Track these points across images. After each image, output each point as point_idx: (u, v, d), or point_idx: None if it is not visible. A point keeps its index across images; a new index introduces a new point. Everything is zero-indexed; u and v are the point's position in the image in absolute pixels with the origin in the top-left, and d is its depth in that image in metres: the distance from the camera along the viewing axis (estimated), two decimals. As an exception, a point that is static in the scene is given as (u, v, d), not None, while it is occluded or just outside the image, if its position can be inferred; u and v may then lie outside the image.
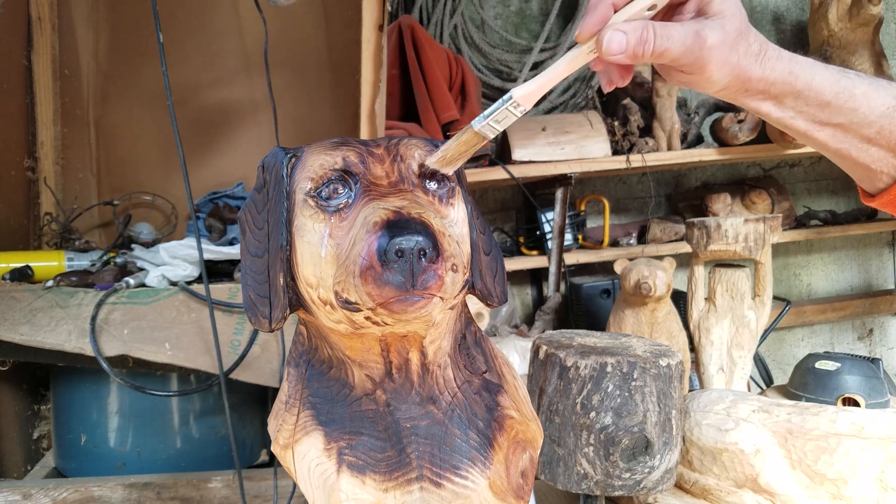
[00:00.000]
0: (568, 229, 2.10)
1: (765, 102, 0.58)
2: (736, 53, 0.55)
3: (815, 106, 0.57)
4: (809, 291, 2.66)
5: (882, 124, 0.57)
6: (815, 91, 0.57)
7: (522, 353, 1.63)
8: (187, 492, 1.28)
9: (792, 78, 0.57)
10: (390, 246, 0.46)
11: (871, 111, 0.57)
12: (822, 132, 0.58)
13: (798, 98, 0.57)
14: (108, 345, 1.21)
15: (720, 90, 0.58)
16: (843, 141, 0.59)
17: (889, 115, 0.57)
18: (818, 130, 0.58)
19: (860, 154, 0.59)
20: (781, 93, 0.57)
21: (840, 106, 0.57)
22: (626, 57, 0.53)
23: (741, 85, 0.57)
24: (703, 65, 0.55)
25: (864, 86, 0.57)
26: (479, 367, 0.62)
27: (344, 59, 1.72)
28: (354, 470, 0.56)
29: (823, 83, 0.57)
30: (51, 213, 1.69)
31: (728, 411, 1.04)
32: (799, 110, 0.58)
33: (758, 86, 0.57)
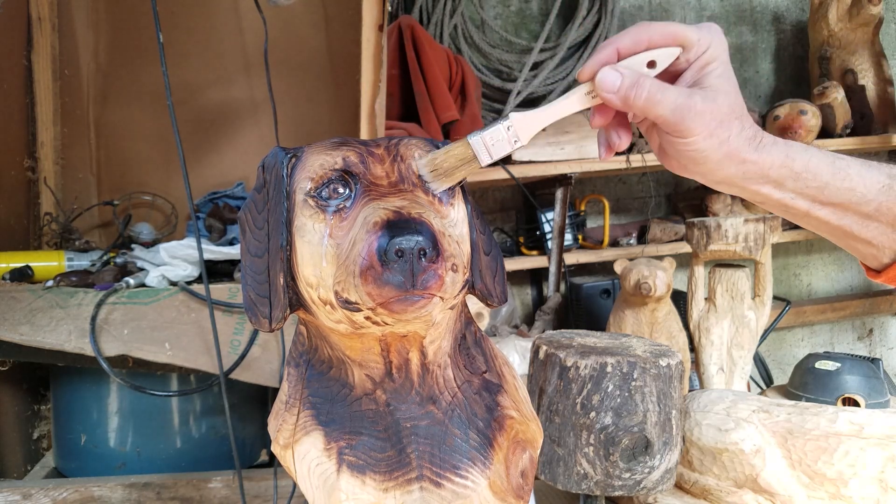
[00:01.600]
0: (568, 229, 2.11)
1: (765, 186, 0.58)
2: (727, 131, 0.55)
3: (814, 188, 0.58)
4: (809, 291, 2.66)
5: (880, 201, 0.58)
6: (812, 173, 0.58)
7: (522, 353, 1.63)
8: (187, 492, 1.28)
9: (790, 161, 0.58)
10: (390, 246, 0.46)
11: (868, 189, 0.58)
12: (823, 210, 0.59)
13: (797, 180, 0.58)
14: (108, 345, 1.21)
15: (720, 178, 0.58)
16: (843, 218, 0.59)
17: (885, 192, 0.58)
18: (819, 209, 0.59)
19: (861, 230, 0.60)
20: (780, 176, 0.58)
21: (838, 186, 0.58)
22: (618, 97, 0.55)
23: (738, 168, 0.57)
24: (689, 128, 0.54)
25: (857, 166, 0.59)
26: (479, 367, 0.62)
27: (344, 59, 1.72)
28: (354, 470, 0.56)
29: (819, 165, 0.58)
30: (51, 213, 1.69)
31: (728, 411, 1.04)
32: (799, 191, 0.58)
33: (756, 170, 0.57)
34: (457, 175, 0.55)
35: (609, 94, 0.55)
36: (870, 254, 0.61)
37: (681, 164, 0.59)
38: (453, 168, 0.54)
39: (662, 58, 0.56)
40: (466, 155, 0.55)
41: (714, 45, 0.56)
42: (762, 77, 2.58)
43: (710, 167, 0.57)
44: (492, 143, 0.55)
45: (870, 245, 0.60)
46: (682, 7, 2.52)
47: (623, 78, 0.54)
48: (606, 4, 2.28)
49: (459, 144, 0.55)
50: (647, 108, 0.55)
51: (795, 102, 2.02)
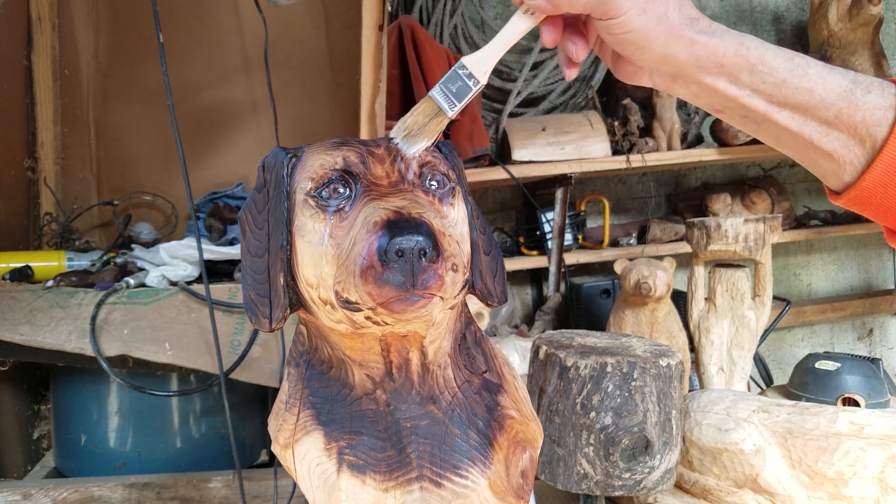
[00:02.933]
0: (568, 229, 2.10)
1: (720, 79, 0.55)
2: (661, 5, 0.53)
3: (770, 84, 0.55)
4: (809, 291, 2.66)
5: (840, 107, 0.54)
6: (769, 66, 0.54)
7: (522, 353, 1.63)
8: (187, 492, 1.28)
9: (744, 50, 0.55)
10: (390, 246, 0.46)
11: (828, 92, 0.54)
12: (781, 113, 0.56)
13: (753, 73, 0.55)
14: (108, 345, 1.21)
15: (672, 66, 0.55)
16: (803, 124, 0.56)
17: (846, 97, 0.54)
18: (777, 111, 0.56)
19: (822, 139, 0.56)
20: (736, 66, 0.54)
21: (796, 85, 0.54)
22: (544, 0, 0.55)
23: (689, 51, 0.54)
24: (617, 4, 0.53)
25: (817, 67, 0.55)
26: (479, 367, 0.62)
27: (344, 59, 1.72)
28: (355, 470, 0.56)
29: (777, 59, 0.55)
30: (51, 213, 1.69)
31: (728, 411, 1.04)
32: (755, 88, 0.55)
33: (708, 55, 0.54)
34: (428, 130, 0.55)
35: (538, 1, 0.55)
36: (831, 170, 0.58)
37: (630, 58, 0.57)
38: (423, 125, 0.55)
39: None
40: (431, 109, 0.56)
41: None
42: (762, 77, 2.57)
43: (656, 50, 0.54)
44: (452, 90, 0.56)
45: (831, 159, 0.57)
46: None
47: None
48: (606, 4, 2.28)
49: (422, 101, 0.56)
50: (571, 2, 0.54)
51: (795, 102, 2.01)
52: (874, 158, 0.54)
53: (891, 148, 0.54)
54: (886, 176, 0.55)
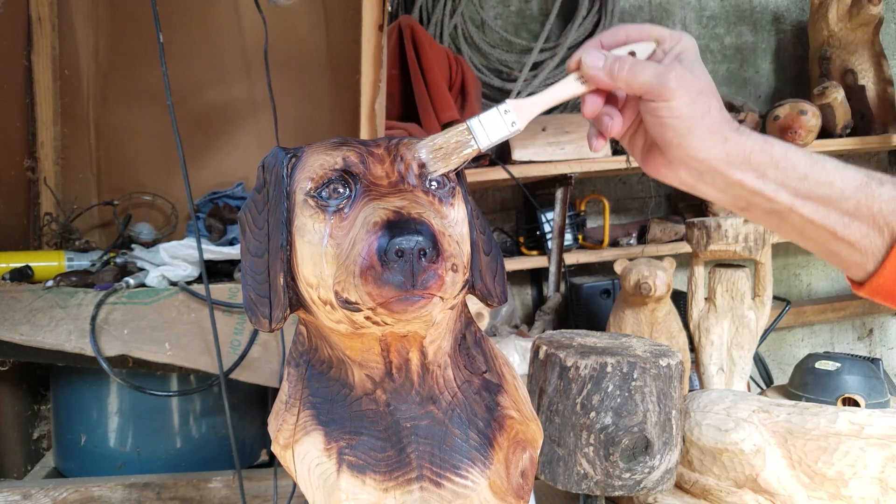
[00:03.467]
0: (568, 229, 2.10)
1: (748, 174, 0.58)
2: (707, 102, 0.57)
3: (794, 178, 0.58)
4: (809, 291, 2.66)
5: (859, 198, 0.57)
6: (791, 162, 0.58)
7: (522, 353, 1.63)
8: (187, 492, 1.28)
9: (769, 147, 0.58)
10: (390, 246, 0.46)
11: (846, 185, 0.57)
12: (807, 206, 0.58)
13: (778, 168, 0.58)
14: (108, 345, 1.21)
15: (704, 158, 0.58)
16: (826, 216, 0.59)
17: (863, 189, 0.57)
18: (802, 204, 0.58)
19: (844, 230, 0.58)
20: (762, 163, 0.58)
21: (817, 178, 0.58)
22: (603, 71, 0.58)
23: (722, 148, 0.58)
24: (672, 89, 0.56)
25: (833, 162, 0.59)
26: (479, 367, 0.62)
27: (344, 59, 1.72)
28: (354, 470, 0.56)
29: (797, 155, 0.58)
30: (51, 213, 1.69)
31: (728, 411, 1.04)
32: (781, 182, 0.58)
33: (738, 152, 0.58)
34: (456, 159, 0.55)
35: (595, 69, 0.58)
36: (854, 261, 0.60)
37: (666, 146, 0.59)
38: (452, 151, 0.55)
39: (640, 50, 0.60)
40: (465, 138, 0.56)
41: (685, 40, 0.60)
42: (762, 77, 2.58)
43: (694, 142, 0.58)
44: (489, 126, 0.57)
45: (854, 249, 0.59)
46: (682, 7, 2.51)
47: (606, 57, 0.59)
48: (606, 4, 2.28)
49: (458, 128, 0.56)
50: (630, 78, 0.57)
51: (795, 102, 2.02)
52: (892, 246, 0.57)
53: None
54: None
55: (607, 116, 0.62)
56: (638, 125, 0.64)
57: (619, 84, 0.58)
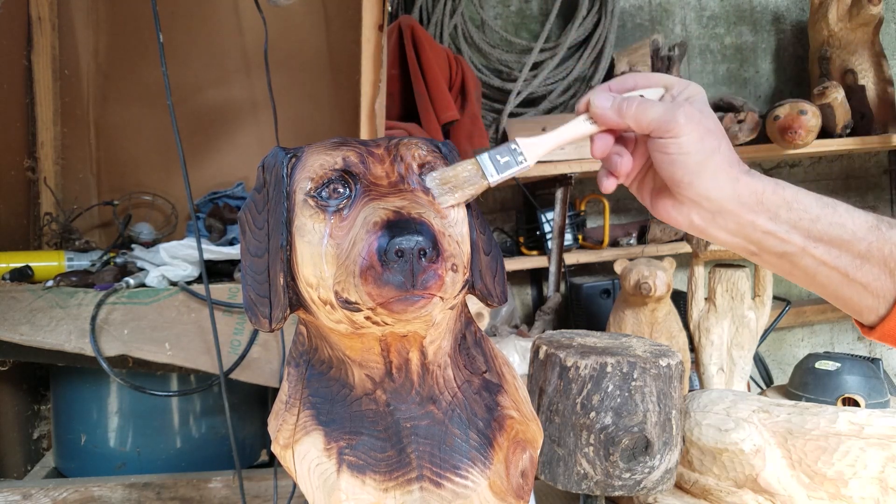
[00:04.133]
0: (568, 229, 2.11)
1: (760, 216, 0.58)
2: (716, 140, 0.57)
3: (807, 220, 0.58)
4: (809, 291, 2.65)
5: (870, 240, 0.57)
6: (803, 204, 0.58)
7: (522, 353, 1.63)
8: (187, 492, 1.28)
9: (780, 189, 0.58)
10: (390, 246, 0.46)
11: (858, 227, 0.57)
12: (819, 248, 0.58)
13: (790, 210, 0.58)
14: (108, 345, 1.21)
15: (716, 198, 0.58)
16: (838, 258, 0.58)
17: (874, 231, 0.57)
18: (814, 246, 0.58)
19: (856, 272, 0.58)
20: (774, 204, 0.57)
21: (829, 220, 0.57)
22: (612, 110, 0.58)
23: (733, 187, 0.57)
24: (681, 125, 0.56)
25: (844, 205, 0.59)
26: (479, 367, 0.62)
27: (344, 59, 1.72)
28: (354, 470, 0.56)
29: (808, 198, 0.58)
30: (51, 213, 1.69)
31: (728, 411, 1.04)
32: (793, 224, 0.58)
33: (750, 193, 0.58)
34: (464, 192, 0.56)
35: (604, 109, 0.59)
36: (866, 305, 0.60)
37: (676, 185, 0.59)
38: (461, 185, 0.55)
39: (648, 94, 0.61)
40: (474, 171, 0.56)
41: (693, 87, 0.60)
42: (762, 77, 2.58)
43: (704, 180, 0.57)
44: (500, 161, 0.57)
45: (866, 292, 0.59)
46: (682, 7, 2.51)
47: (615, 97, 0.59)
48: (606, 4, 2.28)
49: (468, 162, 0.56)
50: (639, 115, 0.57)
51: (795, 102, 2.02)
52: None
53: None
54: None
55: (617, 155, 0.62)
56: (647, 169, 0.64)
57: (628, 121, 0.58)
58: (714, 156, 0.57)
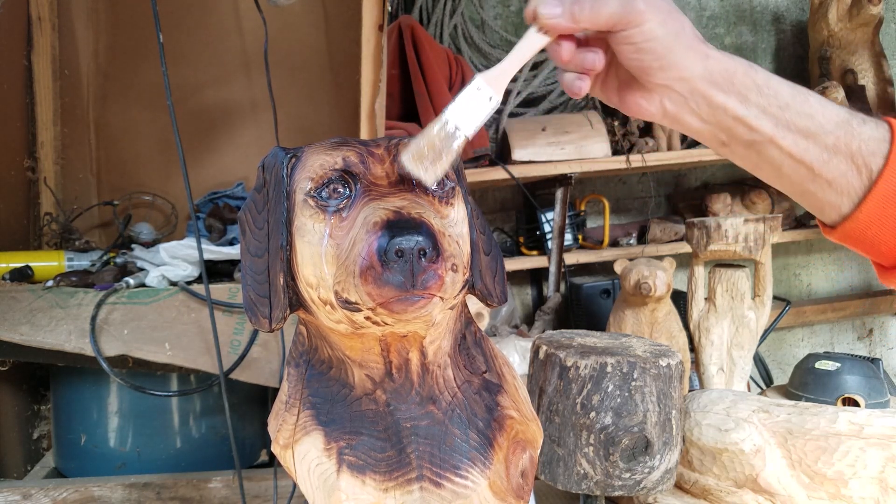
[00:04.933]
0: (568, 229, 2.10)
1: (731, 97, 0.56)
2: (679, 21, 0.55)
3: (776, 106, 0.56)
4: (809, 291, 2.65)
5: (838, 135, 0.56)
6: (774, 89, 0.56)
7: (522, 353, 1.63)
8: (187, 492, 1.28)
9: (752, 71, 0.57)
10: (390, 246, 0.46)
11: (827, 120, 0.56)
12: (788, 138, 0.56)
13: (761, 94, 0.56)
14: (108, 345, 1.21)
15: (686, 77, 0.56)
16: (806, 150, 0.56)
17: (843, 126, 0.56)
18: (783, 136, 0.56)
19: (823, 167, 0.56)
20: (745, 86, 0.56)
21: (799, 109, 0.56)
22: (563, 17, 0.54)
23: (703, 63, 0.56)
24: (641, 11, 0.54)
25: (816, 96, 0.57)
26: (479, 367, 0.62)
27: (344, 59, 1.72)
28: (354, 470, 0.56)
29: (781, 84, 0.57)
30: (51, 213, 1.69)
31: (728, 411, 1.04)
32: (763, 108, 0.56)
33: (721, 70, 0.56)
34: (447, 155, 0.52)
35: (555, 17, 0.55)
36: (829, 202, 0.58)
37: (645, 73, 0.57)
38: (440, 148, 0.52)
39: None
40: (450, 130, 0.52)
41: None
42: (762, 77, 2.57)
43: (676, 59, 0.55)
44: (468, 109, 0.53)
45: (831, 188, 0.57)
46: (682, 7, 2.50)
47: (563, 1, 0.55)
48: (606, 4, 2.28)
49: (438, 122, 0.52)
50: (594, 14, 0.54)
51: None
52: (870, 189, 0.56)
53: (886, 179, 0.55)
54: (882, 209, 0.56)
55: (590, 52, 0.58)
56: (609, 67, 0.61)
57: (584, 24, 0.55)
58: (681, 35, 0.55)
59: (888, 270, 0.59)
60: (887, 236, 0.57)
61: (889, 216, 0.56)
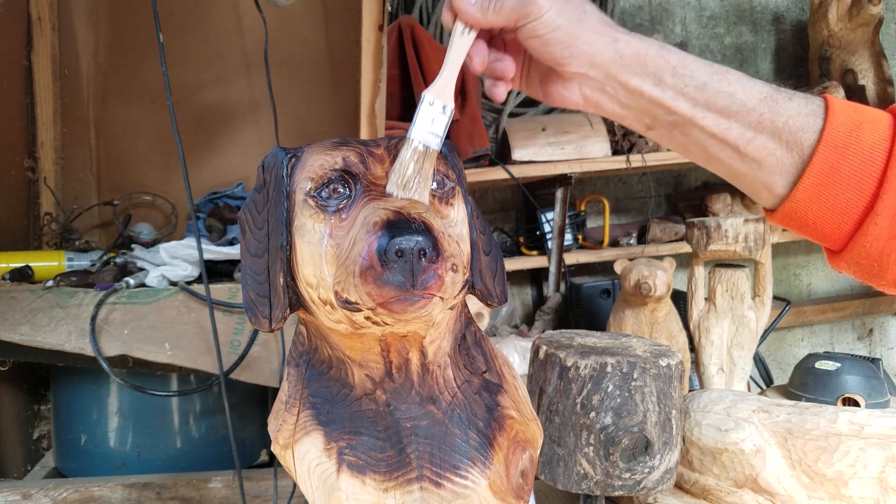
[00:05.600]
0: (568, 229, 2.11)
1: (646, 81, 0.55)
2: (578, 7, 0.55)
3: (692, 87, 0.55)
4: (809, 291, 2.66)
5: (762, 111, 0.54)
6: (689, 69, 0.55)
7: (522, 353, 1.63)
8: (187, 492, 1.28)
9: (665, 52, 0.55)
10: (390, 246, 0.46)
11: (749, 97, 0.54)
12: (708, 118, 0.55)
13: (675, 75, 0.55)
14: (108, 345, 1.21)
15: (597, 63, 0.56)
16: (727, 129, 0.55)
17: (767, 102, 0.54)
18: (702, 115, 0.55)
19: (747, 145, 0.55)
20: (658, 67, 0.55)
21: (717, 88, 0.55)
22: (475, 9, 0.55)
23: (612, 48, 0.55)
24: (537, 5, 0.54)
25: (736, 74, 0.55)
26: (479, 367, 0.62)
27: (344, 59, 1.72)
28: (354, 470, 0.56)
29: (696, 64, 0.55)
30: (51, 213, 1.69)
31: (728, 411, 1.04)
32: (679, 90, 0.55)
33: (632, 52, 0.55)
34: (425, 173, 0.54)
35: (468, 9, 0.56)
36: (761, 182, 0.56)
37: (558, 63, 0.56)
38: (417, 170, 0.54)
39: None
40: (418, 151, 0.54)
41: None
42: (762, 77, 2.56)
43: (582, 48, 0.55)
44: (429, 125, 0.56)
45: (760, 167, 0.55)
46: (682, 7, 2.51)
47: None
48: (606, 4, 2.28)
49: (405, 148, 0.55)
50: (498, 11, 0.55)
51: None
52: (804, 168, 0.54)
53: (821, 156, 0.53)
54: (820, 186, 0.54)
55: (498, 62, 0.60)
56: (528, 62, 0.62)
57: (491, 18, 0.56)
58: (583, 20, 0.55)
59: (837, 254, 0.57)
60: (828, 215, 0.55)
61: (828, 194, 0.54)
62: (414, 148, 0.54)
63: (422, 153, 0.54)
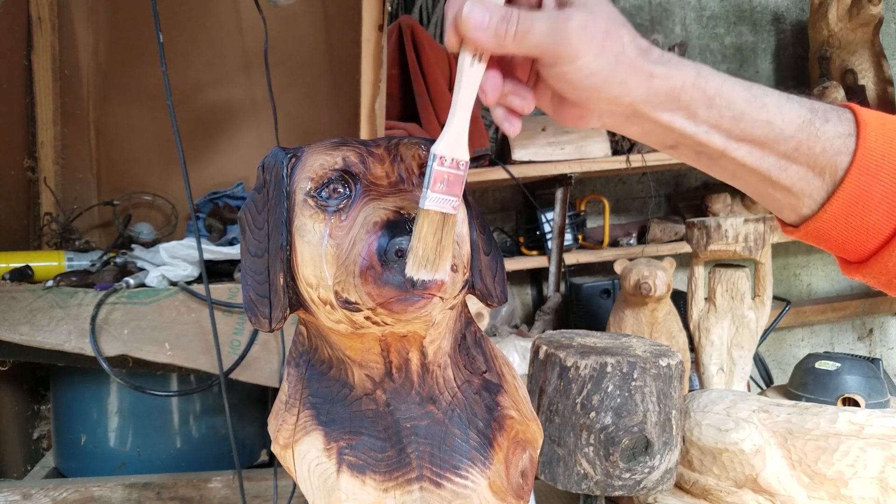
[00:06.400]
0: (568, 229, 2.11)
1: (677, 116, 0.51)
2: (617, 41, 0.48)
3: (729, 118, 0.51)
4: (809, 291, 2.66)
5: (800, 139, 0.51)
6: (726, 99, 0.51)
7: (522, 353, 1.63)
8: (187, 492, 1.28)
9: (702, 81, 0.50)
10: (390, 246, 0.46)
11: (787, 124, 0.51)
12: (740, 150, 0.52)
13: (711, 107, 0.51)
14: (108, 345, 1.21)
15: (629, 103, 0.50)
16: (761, 159, 0.52)
17: (805, 128, 0.51)
18: (736, 148, 0.52)
19: (780, 174, 0.52)
20: (693, 100, 0.50)
21: (755, 117, 0.51)
22: (488, 34, 0.47)
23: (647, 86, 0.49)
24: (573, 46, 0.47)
25: (774, 96, 0.52)
26: (479, 367, 0.62)
27: (344, 59, 1.72)
28: (354, 470, 0.56)
29: (734, 89, 0.51)
30: (51, 213, 1.69)
31: (728, 411, 1.04)
32: (713, 123, 0.51)
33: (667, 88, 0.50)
34: (445, 244, 0.48)
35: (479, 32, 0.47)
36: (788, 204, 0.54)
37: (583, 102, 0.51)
38: (437, 243, 0.47)
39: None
40: (434, 220, 0.48)
41: None
42: (762, 77, 2.58)
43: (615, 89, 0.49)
44: (444, 187, 0.48)
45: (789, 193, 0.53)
46: (682, 7, 2.51)
47: (490, 12, 0.47)
48: (606, 4, 2.28)
49: (420, 220, 0.47)
50: (520, 41, 0.47)
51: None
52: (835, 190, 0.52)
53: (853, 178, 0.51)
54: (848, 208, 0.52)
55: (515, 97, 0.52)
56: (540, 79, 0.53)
57: (510, 49, 0.48)
58: (620, 61, 0.48)
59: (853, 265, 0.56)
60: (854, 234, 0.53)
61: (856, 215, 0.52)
62: (432, 220, 0.47)
63: (439, 223, 0.48)
